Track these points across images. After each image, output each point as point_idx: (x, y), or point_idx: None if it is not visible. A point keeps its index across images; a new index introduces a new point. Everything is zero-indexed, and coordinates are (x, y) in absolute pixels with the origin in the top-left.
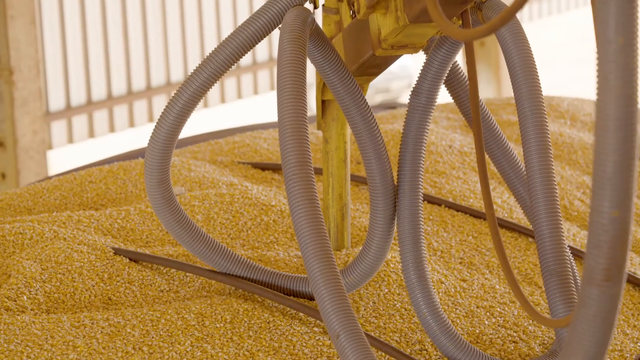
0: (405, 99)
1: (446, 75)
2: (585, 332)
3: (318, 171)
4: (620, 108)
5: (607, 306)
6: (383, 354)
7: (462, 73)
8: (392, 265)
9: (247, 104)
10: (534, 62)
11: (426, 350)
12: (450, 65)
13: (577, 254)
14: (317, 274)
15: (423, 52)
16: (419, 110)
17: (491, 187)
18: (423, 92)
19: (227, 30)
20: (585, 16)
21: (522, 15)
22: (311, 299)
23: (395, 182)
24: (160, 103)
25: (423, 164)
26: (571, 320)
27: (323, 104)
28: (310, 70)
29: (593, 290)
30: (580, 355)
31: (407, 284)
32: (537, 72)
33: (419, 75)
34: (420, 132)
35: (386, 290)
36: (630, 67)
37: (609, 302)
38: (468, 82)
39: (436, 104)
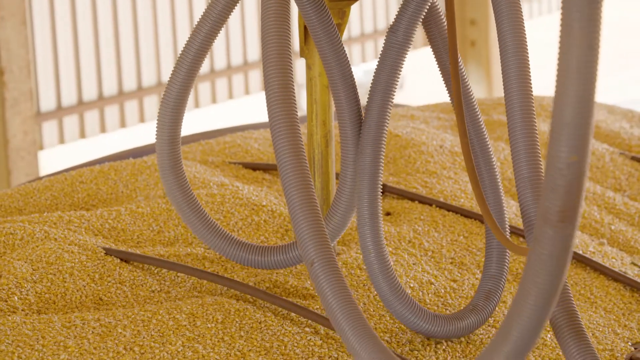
0: (397, 99)
1: (424, 14)
2: (540, 270)
3: None
4: (582, 57)
5: (562, 246)
6: None
7: (441, 14)
8: None
9: (238, 104)
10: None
11: (417, 350)
12: (429, 4)
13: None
14: (299, 213)
15: None
16: (395, 48)
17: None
18: (400, 30)
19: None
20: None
21: None
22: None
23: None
24: (151, 103)
25: (392, 105)
26: (527, 259)
27: (305, 30)
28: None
29: (548, 231)
30: (534, 293)
31: (359, 227)
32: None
33: (397, 12)
34: (393, 72)
35: (375, 292)
36: (595, 18)
37: (563, 242)
38: (446, 26)
39: (412, 42)
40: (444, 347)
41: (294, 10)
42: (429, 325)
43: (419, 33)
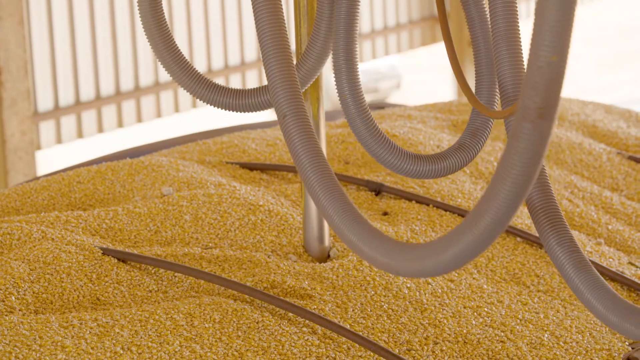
0: (393, 99)
1: None
2: (516, 163)
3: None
4: None
5: (538, 140)
6: (372, 353)
7: None
8: (375, 269)
9: None
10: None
11: (414, 350)
12: None
13: None
14: (273, 63)
15: None
16: None
17: (479, 187)
18: None
19: (216, 30)
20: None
21: None
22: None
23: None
24: (148, 103)
25: None
26: (502, 154)
27: None
28: None
29: (526, 125)
30: (508, 183)
31: (335, 72)
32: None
33: None
34: None
35: (372, 292)
36: None
37: (540, 136)
38: None
39: None
40: (441, 347)
41: None
42: (409, 165)
43: (419, 32)
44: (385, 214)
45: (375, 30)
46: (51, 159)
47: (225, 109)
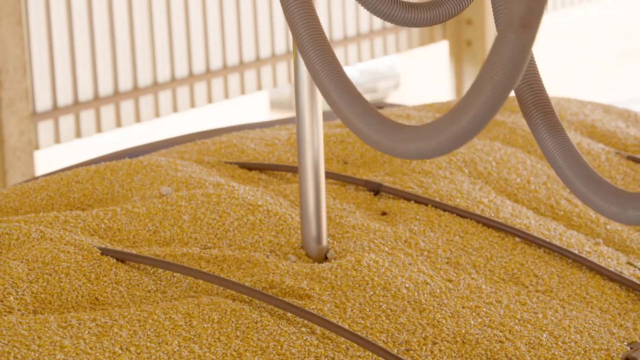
0: (392, 99)
1: None
2: (497, 70)
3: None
4: None
5: (521, 50)
6: (370, 353)
7: None
8: (374, 270)
9: (233, 104)
10: None
11: (413, 350)
12: None
13: (563, 253)
14: None
15: None
16: None
17: (477, 187)
18: None
19: (214, 31)
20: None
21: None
22: None
23: None
24: (147, 103)
25: None
26: (483, 64)
27: None
28: None
29: (510, 35)
30: (489, 88)
31: None
32: None
33: None
34: None
35: (371, 292)
36: None
37: (523, 46)
38: None
39: None
40: (440, 347)
41: None
42: (402, 13)
43: (418, 32)
44: (384, 213)
45: (374, 30)
46: (50, 158)
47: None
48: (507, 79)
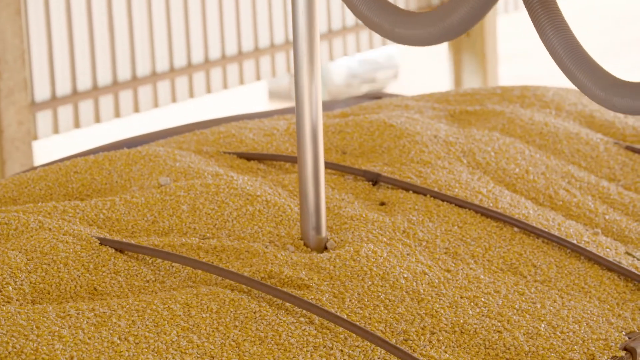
0: (391, 89)
1: None
2: None
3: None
4: None
5: None
6: (369, 343)
7: None
8: (372, 260)
9: (232, 93)
10: None
11: (411, 339)
12: None
13: (561, 243)
14: None
15: None
16: None
17: (476, 177)
18: None
19: (213, 21)
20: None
21: (498, 8)
22: None
23: None
24: (146, 93)
25: None
26: None
27: None
28: None
29: None
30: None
31: None
32: None
33: None
34: None
35: (369, 282)
36: None
37: None
38: None
39: None
40: (438, 337)
41: None
42: None
43: None
44: (382, 204)
45: None
46: (48, 149)
47: None
48: None
